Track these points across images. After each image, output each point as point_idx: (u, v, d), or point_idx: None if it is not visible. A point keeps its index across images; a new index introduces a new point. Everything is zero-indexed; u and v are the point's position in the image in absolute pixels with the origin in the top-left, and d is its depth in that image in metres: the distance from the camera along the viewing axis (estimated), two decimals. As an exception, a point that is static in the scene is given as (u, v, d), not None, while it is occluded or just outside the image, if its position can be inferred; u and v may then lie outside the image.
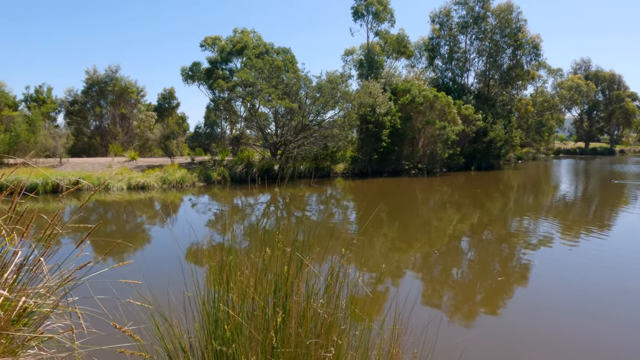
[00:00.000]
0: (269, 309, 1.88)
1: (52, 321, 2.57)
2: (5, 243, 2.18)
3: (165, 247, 9.49)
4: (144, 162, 24.52)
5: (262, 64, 23.52)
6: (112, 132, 32.58)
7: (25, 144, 20.45)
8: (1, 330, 1.97)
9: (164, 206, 15.70)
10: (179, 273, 6.78)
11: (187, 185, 19.83)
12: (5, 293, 1.88)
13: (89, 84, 33.15)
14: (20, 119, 22.66)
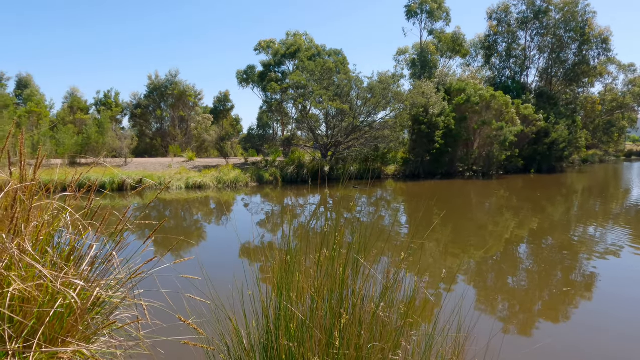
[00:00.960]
0: (329, 309, 1.90)
1: (120, 311, 2.76)
2: (82, 237, 2.36)
3: (220, 244, 9.84)
4: (200, 162, 25.59)
5: (314, 66, 23.76)
6: (172, 134, 34.32)
7: (95, 145, 22.07)
8: (79, 317, 2.13)
9: (219, 205, 16.29)
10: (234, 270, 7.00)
11: (240, 185, 20.44)
12: (81, 283, 2.03)
13: (151, 89, 35.16)
14: (90, 122, 24.47)
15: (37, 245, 2.08)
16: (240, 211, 15.31)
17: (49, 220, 2.21)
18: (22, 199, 2.11)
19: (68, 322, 2.16)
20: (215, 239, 10.72)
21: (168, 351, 2.64)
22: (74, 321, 2.17)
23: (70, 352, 1.92)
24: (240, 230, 11.26)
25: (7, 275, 1.83)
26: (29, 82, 38.31)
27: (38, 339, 1.85)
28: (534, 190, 21.74)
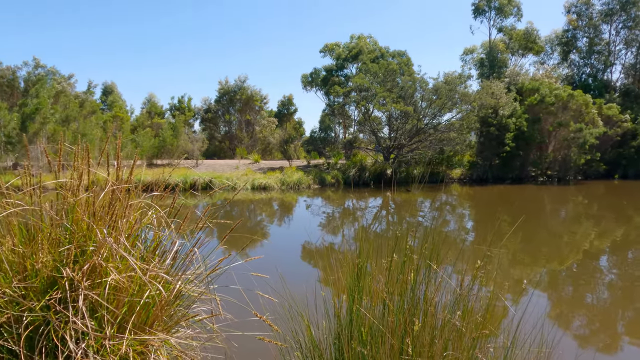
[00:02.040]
0: (400, 315, 1.89)
1: (197, 305, 2.93)
2: (166, 234, 2.54)
3: (282, 244, 10.08)
4: (265, 164, 26.41)
5: (377, 68, 23.61)
6: (239, 137, 35.78)
7: (169, 147, 23.61)
8: (163, 308, 2.30)
9: (282, 206, 16.70)
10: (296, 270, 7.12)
11: (303, 187, 20.81)
12: (167, 277, 2.20)
13: (220, 94, 36.95)
14: (166, 126, 26.22)
15: (129, 240, 2.28)
16: (302, 212, 15.58)
17: (139, 217, 2.41)
18: (118, 197, 2.32)
19: (153, 312, 2.34)
20: (278, 239, 11.01)
21: (241, 345, 2.76)
22: (159, 311, 2.34)
23: (158, 340, 2.07)
24: (301, 231, 11.45)
25: (105, 266, 2.03)
26: (112, 89, 41.83)
27: (129, 325, 2.02)
28: (618, 198, 19.89)
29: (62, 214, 2.29)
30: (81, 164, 2.37)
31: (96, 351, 1.88)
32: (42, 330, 1.89)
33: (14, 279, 2.00)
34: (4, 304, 1.87)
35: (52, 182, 2.34)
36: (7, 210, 2.11)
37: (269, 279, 2.94)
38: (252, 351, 2.93)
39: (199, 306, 2.86)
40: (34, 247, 2.10)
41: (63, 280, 1.94)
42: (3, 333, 1.87)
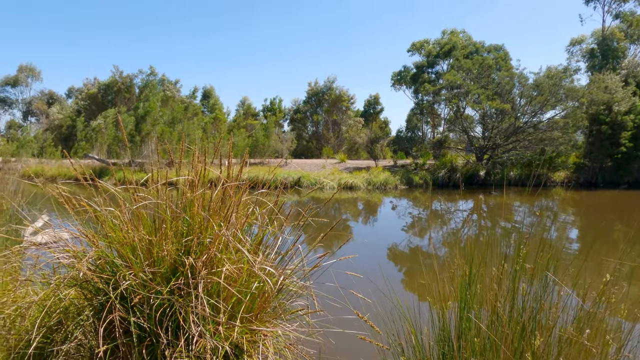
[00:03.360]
0: (515, 328, 1.78)
1: (294, 299, 3.04)
2: (269, 229, 2.68)
3: (366, 245, 10.05)
4: (351, 164, 26.57)
5: (470, 64, 22.45)
6: (326, 137, 36.45)
7: (261, 147, 24.84)
8: (268, 300, 2.43)
9: (367, 206, 16.66)
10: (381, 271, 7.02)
11: (389, 188, 20.56)
12: (272, 270, 2.32)
13: (309, 95, 37.98)
14: (258, 127, 27.65)
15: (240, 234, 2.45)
16: (388, 213, 15.39)
17: (247, 213, 2.58)
18: (229, 193, 2.50)
19: (257, 304, 2.48)
20: (361, 238, 11.00)
21: (337, 343, 2.81)
22: (264, 303, 2.47)
23: (266, 331, 2.20)
24: (386, 232, 11.32)
25: (220, 257, 2.21)
26: (211, 93, 45.16)
27: (240, 314, 2.17)
28: None
29: (182, 208, 2.53)
30: (198, 163, 2.60)
31: (212, 334, 2.04)
32: (167, 311, 2.10)
33: (144, 264, 2.25)
34: (136, 286, 2.12)
35: (175, 179, 2.59)
36: (139, 202, 2.39)
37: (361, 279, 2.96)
38: (347, 350, 2.97)
39: (296, 301, 2.97)
40: (159, 237, 2.34)
41: (185, 268, 2.14)
42: (136, 311, 2.12)
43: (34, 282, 2.94)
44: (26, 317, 3.15)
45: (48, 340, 2.79)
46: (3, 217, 4.72)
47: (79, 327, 2.66)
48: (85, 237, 2.31)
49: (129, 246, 2.30)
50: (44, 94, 53.84)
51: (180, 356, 1.99)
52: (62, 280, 2.34)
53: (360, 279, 2.81)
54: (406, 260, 8.22)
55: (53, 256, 2.73)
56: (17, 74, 53.48)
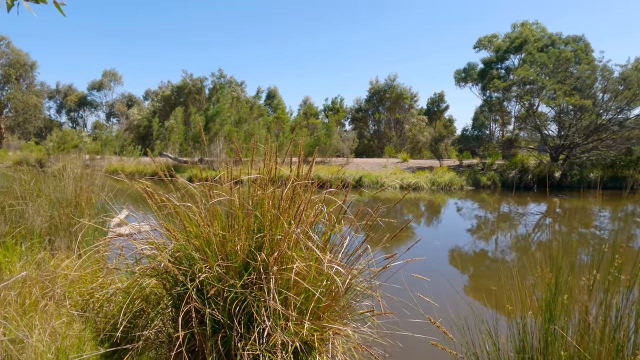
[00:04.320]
0: (611, 344, 1.62)
1: (360, 300, 3.02)
2: (337, 229, 2.68)
3: (428, 247, 9.74)
4: (414, 163, 25.99)
5: (545, 57, 20.99)
6: (387, 136, 35.96)
7: (323, 146, 25.05)
8: (335, 298, 2.43)
9: (430, 207, 16.19)
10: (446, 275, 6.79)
11: (455, 188, 19.83)
12: (340, 269, 2.31)
13: (371, 93, 37.69)
14: (320, 126, 27.92)
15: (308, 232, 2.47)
16: (452, 215, 14.84)
17: (315, 212, 2.60)
18: (298, 192, 2.54)
19: (325, 302, 2.49)
20: (423, 240, 10.67)
21: (404, 346, 2.75)
22: (331, 302, 2.48)
23: (337, 329, 2.20)
24: (449, 234, 10.92)
25: (290, 254, 2.24)
26: (275, 93, 46.34)
27: (309, 311, 2.19)
28: None
29: (253, 205, 2.61)
30: (269, 162, 2.66)
31: (282, 329, 2.08)
32: (240, 304, 2.18)
33: (218, 258, 2.35)
34: (212, 279, 2.22)
35: (246, 177, 2.67)
36: (214, 199, 2.50)
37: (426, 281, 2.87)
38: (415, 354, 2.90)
39: (361, 301, 2.95)
40: (232, 233, 2.43)
41: (257, 264, 2.21)
42: (211, 303, 2.22)
43: (120, 270, 3.18)
44: (112, 302, 3.43)
45: (131, 325, 3.01)
46: (93, 209, 5.17)
47: (158, 314, 2.85)
48: (167, 231, 2.46)
49: (204, 240, 2.41)
50: (124, 97, 58.45)
51: (252, 349, 2.05)
52: (145, 270, 2.51)
53: (424, 281, 2.73)
54: (471, 263, 7.88)
55: (135, 247, 2.95)
56: (102, 78, 58.47)
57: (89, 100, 58.96)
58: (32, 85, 51.69)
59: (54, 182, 5.47)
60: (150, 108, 42.29)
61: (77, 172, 5.81)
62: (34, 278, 3.46)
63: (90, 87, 58.57)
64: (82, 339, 3.04)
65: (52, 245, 4.55)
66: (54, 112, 59.70)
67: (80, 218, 4.77)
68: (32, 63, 50.52)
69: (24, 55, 49.66)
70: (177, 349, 2.10)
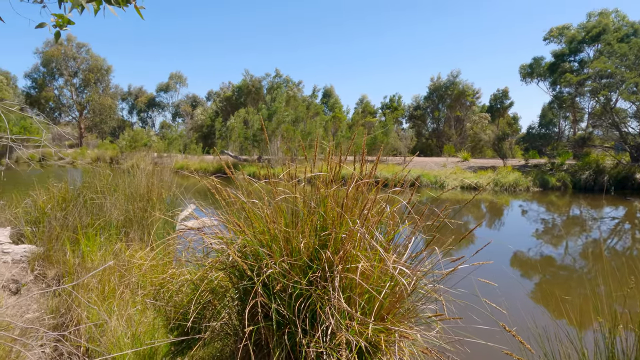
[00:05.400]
0: None
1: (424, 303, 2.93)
2: (402, 229, 2.62)
3: (489, 250, 9.26)
4: (475, 163, 24.96)
5: (626, 48, 19.24)
6: (447, 134, 34.82)
7: (379, 145, 24.77)
8: (399, 300, 2.38)
9: (492, 208, 15.45)
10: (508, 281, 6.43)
11: (520, 190, 18.79)
12: (405, 270, 2.25)
13: (431, 90, 36.68)
14: (377, 124, 27.64)
15: (372, 232, 2.44)
16: (516, 217, 14.05)
17: (379, 210, 2.56)
18: (362, 190, 2.52)
19: (388, 303, 2.45)
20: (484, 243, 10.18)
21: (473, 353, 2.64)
22: (395, 303, 2.43)
23: (406, 332, 2.16)
24: (512, 238, 10.33)
25: (355, 253, 2.23)
26: (331, 92, 46.51)
27: (374, 312, 2.16)
28: None
29: (317, 203, 2.62)
30: (332, 160, 2.66)
31: (346, 328, 2.07)
32: (305, 301, 2.19)
33: (283, 254, 2.38)
34: (277, 275, 2.25)
35: (311, 175, 2.69)
36: (279, 196, 2.53)
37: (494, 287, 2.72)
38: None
39: (426, 305, 2.86)
40: (296, 230, 2.46)
41: (321, 262, 2.21)
42: (276, 298, 2.26)
43: (191, 262, 3.33)
44: (181, 293, 3.60)
45: (199, 316, 3.15)
46: (163, 204, 5.48)
47: (225, 307, 2.95)
48: (236, 226, 2.53)
49: (270, 236, 2.45)
50: (189, 98, 61.49)
51: (316, 346, 2.06)
52: (214, 263, 2.60)
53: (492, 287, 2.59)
54: (537, 270, 7.42)
55: (203, 241, 3.07)
56: (168, 81, 61.90)
57: (157, 102, 62.69)
58: (108, 88, 55.92)
59: (128, 178, 5.86)
60: (213, 108, 44.15)
61: (149, 169, 6.19)
62: (112, 267, 3.72)
63: (158, 89, 62.26)
64: (154, 327, 3.22)
65: (127, 236, 4.87)
66: (126, 113, 64.18)
67: (152, 212, 5.07)
68: (108, 68, 54.62)
69: (101, 61, 53.83)
70: (243, 341, 2.16)
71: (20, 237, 5.46)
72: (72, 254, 4.25)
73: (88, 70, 52.97)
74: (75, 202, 5.15)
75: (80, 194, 5.44)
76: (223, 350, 3.00)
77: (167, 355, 3.19)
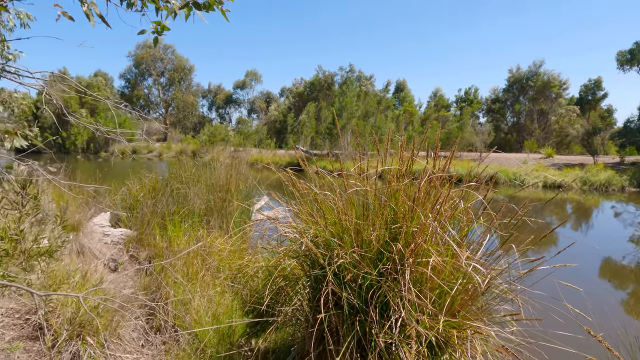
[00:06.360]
0: None
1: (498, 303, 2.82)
2: (477, 225, 2.55)
3: (574, 254, 8.54)
4: (560, 159, 23.11)
5: None
6: (528, 128, 32.57)
7: (454, 140, 23.86)
8: (472, 298, 2.33)
9: (579, 209, 14.21)
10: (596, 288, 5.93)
11: (613, 190, 17.08)
12: (480, 267, 2.20)
13: (510, 82, 34.48)
14: (452, 118, 26.61)
15: (445, 227, 2.41)
16: (607, 220, 12.78)
17: (453, 205, 2.51)
18: (435, 185, 2.49)
19: (460, 300, 2.40)
20: (572, 246, 9.39)
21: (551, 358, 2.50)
22: (467, 300, 2.38)
23: (481, 329, 2.12)
24: (603, 242, 9.42)
25: (426, 247, 2.22)
26: (404, 86, 45.54)
27: (444, 308, 2.14)
28: None
29: (387, 197, 2.63)
30: (404, 154, 2.66)
31: (416, 321, 2.08)
32: (375, 292, 2.23)
33: (354, 245, 2.44)
34: (348, 264, 2.32)
35: (382, 168, 2.71)
36: (351, 189, 2.59)
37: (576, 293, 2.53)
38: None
39: (501, 305, 2.76)
40: (367, 222, 2.50)
41: (392, 254, 2.23)
42: (347, 288, 2.33)
43: (267, 249, 3.52)
44: (256, 278, 3.82)
45: (272, 301, 3.32)
46: (240, 194, 5.80)
47: (297, 294, 3.08)
48: (309, 217, 2.64)
49: (341, 228, 2.52)
50: (263, 94, 63.77)
51: (385, 337, 2.09)
52: (288, 251, 2.74)
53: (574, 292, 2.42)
54: (631, 278, 6.73)
55: (275, 230, 3.23)
56: (245, 78, 64.67)
57: (233, 98, 65.82)
58: (190, 86, 59.79)
59: (209, 170, 6.28)
60: (286, 104, 45.39)
61: (228, 162, 6.58)
62: (196, 251, 4.04)
63: (235, 86, 65.32)
64: (232, 308, 3.46)
65: (208, 224, 5.24)
66: (206, 110, 68.18)
67: (231, 202, 5.40)
68: (190, 67, 58.36)
69: (185, 61, 57.64)
70: (316, 326, 2.25)
71: (118, 221, 6.10)
72: (160, 238, 4.68)
73: (173, 70, 57.02)
74: (163, 192, 5.63)
75: (168, 184, 5.94)
76: (294, 335, 3.15)
77: (243, 336, 3.41)
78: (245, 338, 3.39)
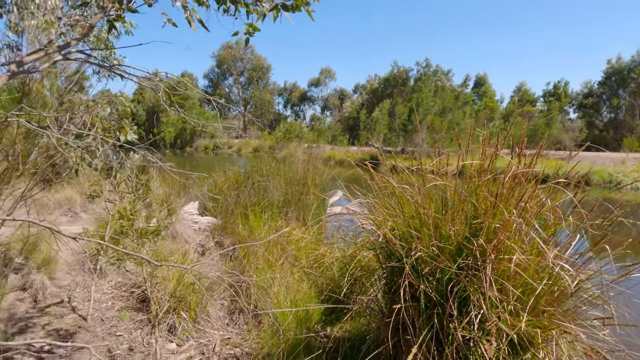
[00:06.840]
0: None
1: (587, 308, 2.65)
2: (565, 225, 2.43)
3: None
4: (667, 160, 20.52)
5: None
6: (628, 125, 29.33)
7: (540, 137, 22.24)
8: (559, 299, 2.23)
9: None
10: None
11: None
12: (569, 267, 2.10)
13: (607, 74, 31.24)
14: (538, 114, 24.78)
15: (529, 224, 2.33)
16: None
17: (539, 203, 2.42)
18: (520, 181, 2.41)
19: (545, 301, 2.31)
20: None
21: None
22: (553, 301, 2.28)
23: (565, 327, 2.04)
24: None
25: (509, 244, 2.17)
26: (484, 80, 43.23)
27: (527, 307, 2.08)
28: None
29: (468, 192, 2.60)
30: (488, 150, 2.60)
31: (497, 317, 2.05)
32: (454, 286, 2.23)
33: (432, 239, 2.45)
34: (427, 258, 2.34)
35: (462, 163, 2.68)
36: (430, 183, 2.60)
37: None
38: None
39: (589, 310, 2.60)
40: (445, 217, 2.49)
41: (473, 249, 2.21)
42: (424, 280, 2.35)
43: (345, 240, 3.64)
44: (333, 268, 3.95)
45: (348, 290, 3.42)
46: (316, 188, 6.00)
47: (372, 285, 3.16)
48: (387, 209, 2.69)
49: (419, 222, 2.54)
50: (337, 92, 64.24)
51: (464, 332, 2.09)
52: (365, 243, 2.82)
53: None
54: None
55: (354, 222, 3.32)
56: (319, 76, 65.60)
57: (308, 96, 67.13)
58: (267, 85, 62.08)
59: (286, 165, 6.56)
60: (359, 100, 45.36)
61: (304, 158, 6.82)
62: (275, 240, 4.28)
63: (309, 84, 66.55)
64: (310, 295, 3.62)
65: (286, 215, 5.49)
66: (281, 107, 70.33)
67: (307, 195, 5.62)
68: (268, 66, 60.56)
69: (263, 60, 59.94)
70: (393, 317, 2.31)
71: (204, 210, 6.61)
72: (242, 227, 5.00)
73: (252, 69, 59.58)
74: (245, 184, 6.00)
75: (249, 177, 6.31)
76: (369, 325, 3.22)
77: (319, 322, 3.56)
78: (321, 325, 3.54)
